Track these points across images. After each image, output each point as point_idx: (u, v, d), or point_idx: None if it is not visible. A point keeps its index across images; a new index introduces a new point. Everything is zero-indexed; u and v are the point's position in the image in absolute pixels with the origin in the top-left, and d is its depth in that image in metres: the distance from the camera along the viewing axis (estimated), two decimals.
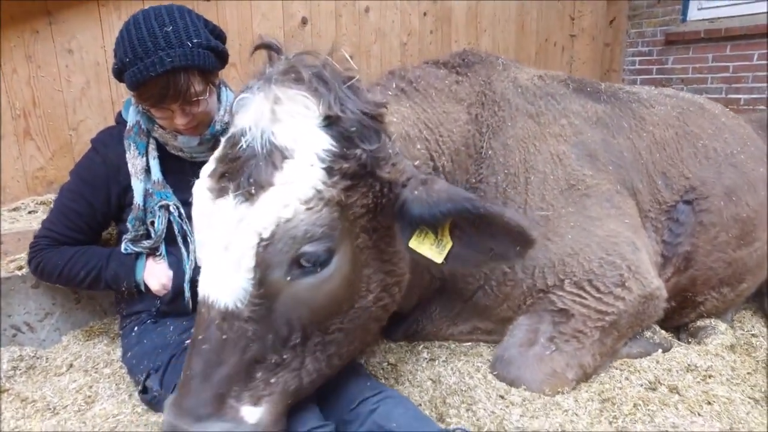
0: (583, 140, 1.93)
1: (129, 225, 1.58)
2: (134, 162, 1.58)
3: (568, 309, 1.68)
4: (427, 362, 1.74)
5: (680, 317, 2.15)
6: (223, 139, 1.23)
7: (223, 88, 1.66)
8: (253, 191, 1.09)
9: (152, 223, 1.59)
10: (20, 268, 1.80)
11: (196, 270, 1.38)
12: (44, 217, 2.02)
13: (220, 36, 1.58)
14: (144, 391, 1.49)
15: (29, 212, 2.09)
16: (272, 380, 1.16)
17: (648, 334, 1.85)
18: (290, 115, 1.13)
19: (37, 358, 1.73)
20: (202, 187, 1.19)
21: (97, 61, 2.24)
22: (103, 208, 1.64)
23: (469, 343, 1.88)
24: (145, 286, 1.61)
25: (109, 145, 1.63)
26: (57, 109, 2.19)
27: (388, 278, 1.31)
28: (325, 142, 1.12)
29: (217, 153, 1.22)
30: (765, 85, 3.87)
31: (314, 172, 1.10)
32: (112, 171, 1.60)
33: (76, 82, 2.21)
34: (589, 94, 2.12)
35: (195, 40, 1.44)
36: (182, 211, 1.58)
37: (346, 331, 1.25)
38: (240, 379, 1.13)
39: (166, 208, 1.58)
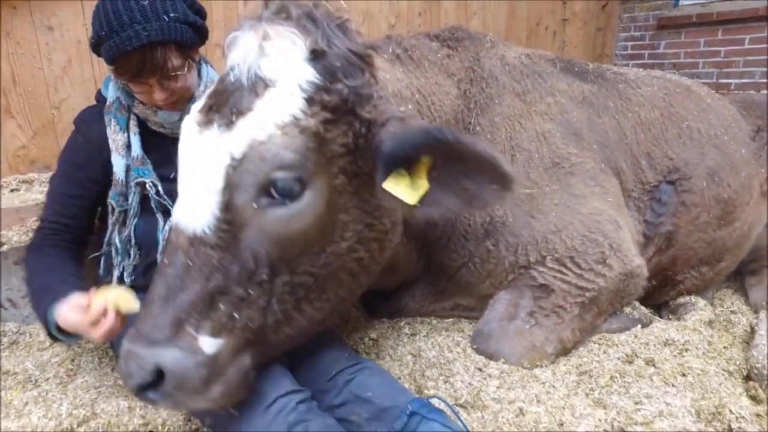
0: (569, 119, 1.93)
1: (112, 201, 1.56)
2: (115, 137, 1.56)
3: (548, 284, 1.70)
4: (408, 337, 1.76)
5: (661, 296, 2.18)
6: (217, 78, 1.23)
7: (204, 65, 1.65)
8: (233, 118, 1.11)
9: None
10: (2, 245, 1.80)
11: None
12: (26, 195, 2.04)
13: (199, 11, 1.56)
14: None
15: (11, 190, 2.08)
16: (235, 314, 1.13)
17: (627, 310, 1.87)
18: (277, 49, 1.14)
19: (21, 333, 1.74)
20: (190, 121, 1.19)
21: (79, 39, 2.22)
22: (93, 187, 1.61)
23: (451, 320, 1.90)
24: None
25: (90, 123, 1.62)
26: (38, 87, 2.17)
27: (366, 231, 1.28)
28: (308, 74, 1.12)
29: (208, 90, 1.24)
30: (755, 69, 3.87)
31: (294, 100, 1.11)
32: (95, 149, 1.59)
33: (58, 60, 2.19)
34: (577, 74, 2.12)
35: (172, 15, 1.42)
36: (160, 188, 1.57)
37: (316, 276, 1.21)
38: (201, 309, 1.10)
39: (142, 185, 1.58)
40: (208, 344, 1.10)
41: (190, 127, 1.19)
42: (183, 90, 1.53)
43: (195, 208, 1.13)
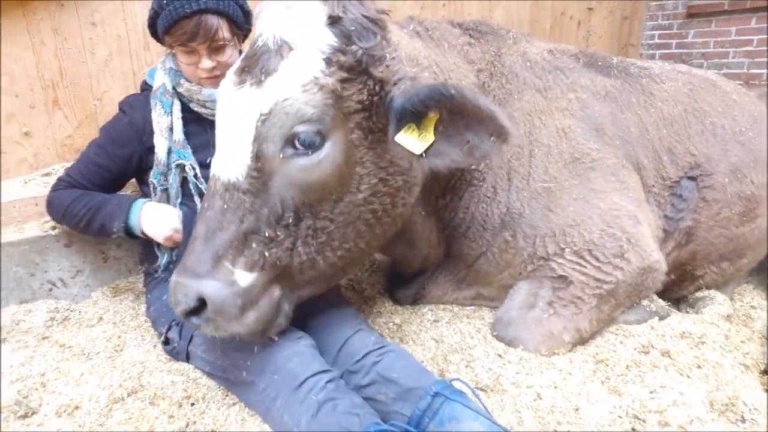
0: (590, 114, 1.96)
1: (154, 180, 1.68)
2: (159, 120, 1.68)
3: (567, 276, 1.75)
4: (431, 323, 1.84)
5: (679, 290, 2.20)
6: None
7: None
8: (262, 78, 1.26)
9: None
10: (54, 228, 1.93)
11: None
12: None
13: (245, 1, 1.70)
14: (166, 342, 1.61)
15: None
16: (266, 253, 1.28)
17: (645, 302, 1.91)
18: (299, 16, 1.28)
19: (71, 311, 1.87)
20: (227, 82, 1.34)
21: (119, 33, 2.33)
22: (122, 166, 1.74)
23: (472, 308, 1.97)
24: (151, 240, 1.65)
25: (135, 106, 1.74)
26: (82, 80, 2.29)
27: (380, 185, 1.39)
28: (327, 38, 1.26)
29: (243, 54, 1.38)
30: None
31: (314, 61, 1.25)
32: (137, 131, 1.71)
33: (100, 54, 2.30)
34: (600, 69, 2.14)
35: None
36: (198, 171, 1.68)
37: (336, 223, 1.35)
38: (237, 246, 1.26)
39: (182, 167, 1.68)
40: (243, 277, 1.27)
41: (226, 88, 1.34)
42: (225, 66, 1.62)
43: (230, 158, 1.28)
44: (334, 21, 1.26)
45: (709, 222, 2.05)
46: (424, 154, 1.30)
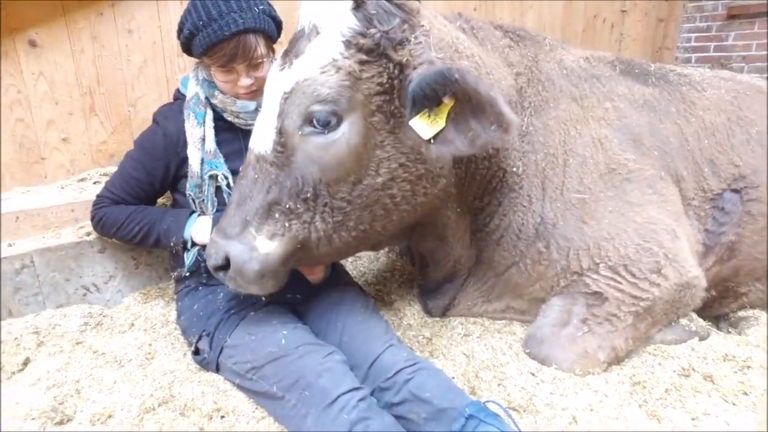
0: (627, 124, 1.90)
1: (190, 192, 1.69)
2: (192, 131, 1.68)
3: (602, 292, 1.70)
4: (462, 337, 1.81)
5: (720, 307, 2.12)
6: None
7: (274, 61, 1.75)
8: (293, 60, 1.35)
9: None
10: (89, 234, 1.97)
11: None
12: None
13: (274, 10, 1.69)
14: (196, 352, 1.62)
15: (94, 183, 2.26)
16: (286, 224, 1.38)
17: (684, 321, 1.84)
18: (331, 3, 1.33)
19: (104, 316, 1.91)
20: (275, 64, 1.44)
21: (154, 40, 2.36)
22: (161, 177, 1.75)
23: (503, 321, 1.93)
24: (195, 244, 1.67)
25: (169, 117, 1.74)
26: (118, 87, 2.33)
27: (400, 170, 1.41)
28: (349, 21, 1.30)
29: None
30: None
31: (334, 44, 1.30)
32: (171, 142, 1.71)
33: (135, 61, 2.34)
34: (637, 77, 2.07)
35: (261, 7, 1.59)
36: (231, 180, 1.68)
37: (353, 204, 1.40)
38: (262, 215, 1.37)
39: (215, 177, 1.69)
40: (264, 245, 1.38)
41: (273, 69, 1.44)
42: (262, 80, 1.63)
43: (262, 133, 1.39)
44: (358, 5, 1.29)
45: (754, 237, 1.97)
46: (432, 140, 1.31)
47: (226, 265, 1.40)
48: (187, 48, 1.63)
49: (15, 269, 1.83)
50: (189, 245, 1.68)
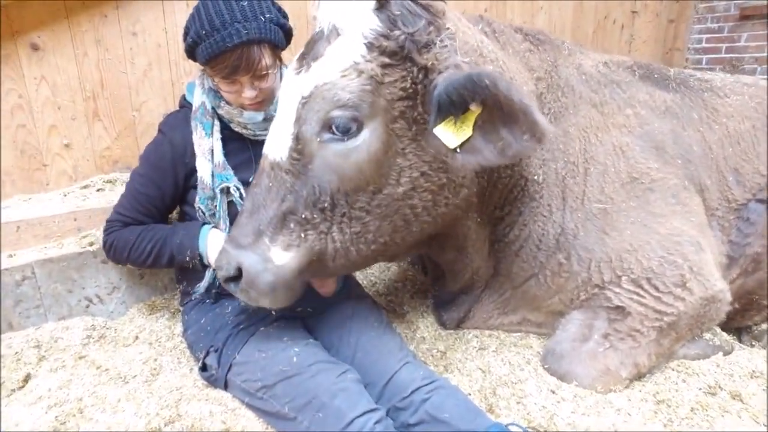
0: (649, 131, 1.84)
1: (201, 205, 1.61)
2: (200, 142, 1.60)
3: (624, 307, 1.64)
4: (477, 351, 1.75)
5: (743, 319, 2.06)
6: None
7: (284, 68, 1.67)
8: (311, 63, 1.28)
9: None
10: (92, 243, 1.91)
11: None
12: (111, 194, 2.15)
13: (285, 15, 1.60)
14: (203, 368, 1.56)
15: (97, 190, 2.20)
16: (302, 235, 1.31)
17: (708, 336, 1.78)
18: (352, 4, 1.27)
19: (107, 328, 1.85)
20: (290, 68, 1.37)
21: (159, 43, 2.30)
22: (171, 190, 1.67)
23: (519, 334, 1.87)
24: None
25: (175, 127, 1.67)
26: (122, 91, 2.27)
27: (422, 179, 1.35)
28: (372, 23, 1.23)
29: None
30: None
31: (356, 46, 1.23)
32: (178, 153, 1.64)
33: (139, 64, 2.28)
34: (657, 82, 2.01)
35: (267, 15, 1.49)
36: (243, 191, 1.61)
37: (373, 214, 1.34)
38: (276, 224, 1.30)
39: (227, 190, 1.62)
40: (278, 256, 1.30)
41: (288, 73, 1.37)
42: (268, 90, 1.57)
43: (277, 139, 1.33)
44: (381, 6, 1.23)
45: None
46: (458, 149, 1.25)
47: (237, 276, 1.33)
48: (192, 55, 1.56)
49: (15, 281, 1.78)
50: (206, 260, 1.58)
